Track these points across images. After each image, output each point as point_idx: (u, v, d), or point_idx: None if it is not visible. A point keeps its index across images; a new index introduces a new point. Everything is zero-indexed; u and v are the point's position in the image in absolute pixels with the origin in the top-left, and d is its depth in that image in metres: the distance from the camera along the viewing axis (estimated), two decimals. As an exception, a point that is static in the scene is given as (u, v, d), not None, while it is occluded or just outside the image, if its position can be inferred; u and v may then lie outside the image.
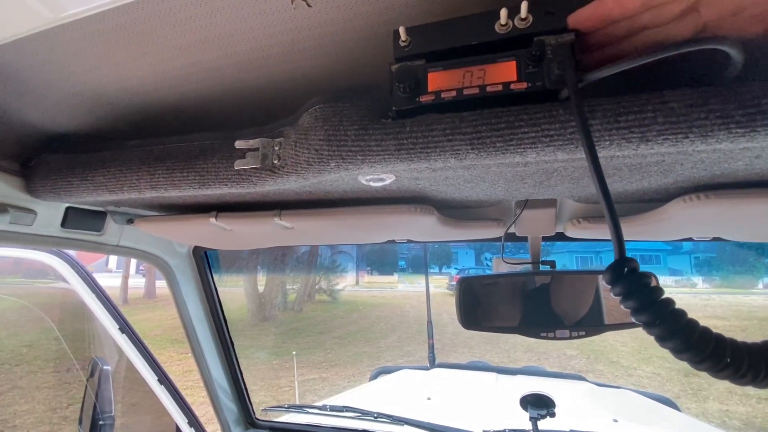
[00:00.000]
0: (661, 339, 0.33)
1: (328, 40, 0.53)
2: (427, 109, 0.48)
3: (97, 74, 0.63)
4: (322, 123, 0.53)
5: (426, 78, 0.48)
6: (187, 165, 0.66)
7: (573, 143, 0.44)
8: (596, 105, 0.42)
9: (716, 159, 0.52)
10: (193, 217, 0.90)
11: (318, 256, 13.66)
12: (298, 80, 0.63)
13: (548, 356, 8.11)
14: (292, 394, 6.32)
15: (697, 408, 5.96)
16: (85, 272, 1.42)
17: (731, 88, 0.39)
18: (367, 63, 0.57)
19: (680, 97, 0.40)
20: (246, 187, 0.64)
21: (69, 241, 0.96)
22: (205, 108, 0.72)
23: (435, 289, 12.17)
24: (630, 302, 0.34)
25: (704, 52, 0.37)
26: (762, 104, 0.38)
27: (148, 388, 1.55)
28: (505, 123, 0.45)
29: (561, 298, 0.93)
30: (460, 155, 0.48)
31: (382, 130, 0.50)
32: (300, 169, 0.57)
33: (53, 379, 3.56)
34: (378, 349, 8.99)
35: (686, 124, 0.40)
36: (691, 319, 0.33)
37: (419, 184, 0.69)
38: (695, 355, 0.32)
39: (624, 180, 0.65)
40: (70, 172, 0.74)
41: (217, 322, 1.49)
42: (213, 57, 0.58)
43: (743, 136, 0.40)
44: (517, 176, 0.64)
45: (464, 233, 0.98)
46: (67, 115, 0.75)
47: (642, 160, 0.53)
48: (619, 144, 0.43)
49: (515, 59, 0.45)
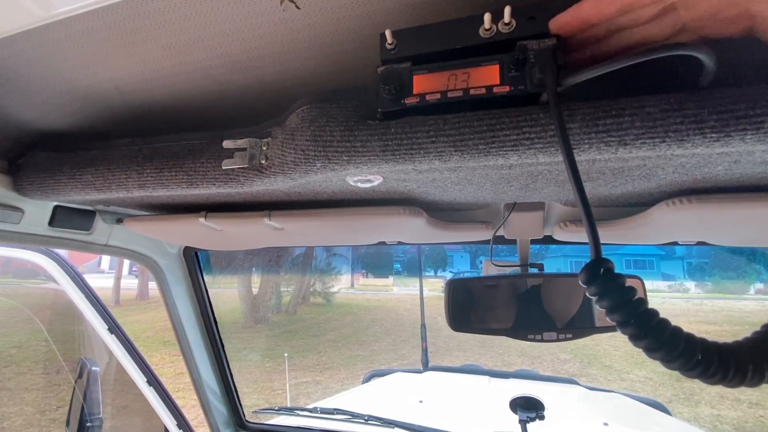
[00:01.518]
0: (634, 338, 0.34)
1: (317, 42, 0.54)
2: (412, 111, 0.49)
3: (86, 72, 0.63)
4: (308, 124, 0.54)
5: (411, 80, 0.49)
6: (176, 164, 0.66)
7: (553, 146, 0.45)
8: (576, 109, 0.43)
9: (696, 164, 0.53)
10: (183, 217, 0.90)
11: (313, 259, 13.61)
12: (287, 81, 0.63)
13: (542, 360, 8.13)
14: (285, 397, 6.28)
15: (688, 412, 5.99)
16: (74, 272, 1.41)
17: (706, 93, 0.40)
18: (355, 65, 0.58)
19: (657, 102, 0.41)
20: (234, 187, 0.64)
21: (57, 240, 0.96)
22: (194, 108, 0.72)
23: (430, 293, 12.16)
24: (604, 302, 0.35)
25: (684, 56, 0.38)
26: (736, 109, 0.39)
27: (137, 389, 1.54)
28: (486, 125, 0.46)
29: (549, 300, 0.94)
30: (444, 157, 0.49)
31: (368, 132, 0.50)
32: (287, 169, 0.57)
33: (42, 381, 3.51)
34: (372, 353, 8.96)
35: (662, 129, 0.41)
36: (662, 319, 0.34)
37: (407, 185, 0.70)
38: (666, 353, 0.33)
39: (608, 184, 0.66)
40: (58, 171, 0.73)
41: (207, 323, 1.48)
42: (203, 57, 0.58)
43: (717, 141, 0.40)
44: (503, 179, 0.64)
45: (453, 235, 0.99)
46: (56, 113, 0.74)
47: (624, 164, 0.54)
48: (598, 147, 0.44)
49: (498, 63, 0.46)
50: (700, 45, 0.37)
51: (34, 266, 1.37)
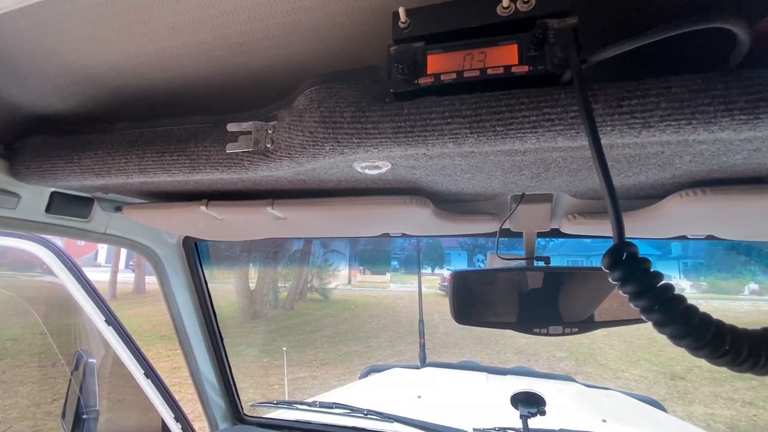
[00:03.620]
0: (659, 325, 0.33)
1: (326, 23, 0.52)
2: (426, 91, 0.47)
3: (85, 53, 0.61)
4: (317, 105, 0.52)
5: (425, 60, 0.47)
6: (178, 148, 0.64)
7: (574, 128, 0.43)
8: (598, 90, 0.42)
9: (715, 151, 0.52)
10: (184, 205, 0.88)
11: (310, 255, 13.59)
12: (294, 64, 0.61)
13: (538, 358, 8.16)
14: (282, 392, 6.28)
15: (683, 411, 6.03)
16: (71, 262, 1.39)
17: (736, 73, 0.38)
18: (365, 46, 0.56)
19: (684, 82, 0.39)
20: (238, 173, 0.63)
21: (54, 227, 0.94)
22: (198, 91, 0.70)
23: (427, 290, 12.18)
24: (628, 287, 0.34)
25: (710, 38, 0.36)
26: (767, 90, 0.37)
27: (135, 382, 1.52)
28: (505, 106, 0.44)
29: (554, 294, 0.93)
30: (459, 139, 0.47)
31: (379, 113, 0.49)
32: (294, 153, 0.55)
33: (38, 374, 3.50)
34: (369, 349, 8.97)
35: (689, 110, 0.39)
36: (690, 305, 0.33)
37: (415, 173, 0.68)
38: (694, 341, 0.32)
39: (622, 173, 0.65)
40: (56, 155, 0.71)
41: (206, 316, 1.46)
42: (207, 38, 0.56)
43: (746, 123, 0.39)
44: (515, 167, 0.63)
45: (459, 227, 0.97)
46: (54, 96, 0.72)
47: (641, 150, 0.53)
48: (621, 130, 0.43)
49: (517, 42, 0.44)
50: (736, 17, 0.35)
51: (30, 258, 1.35)
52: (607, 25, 0.48)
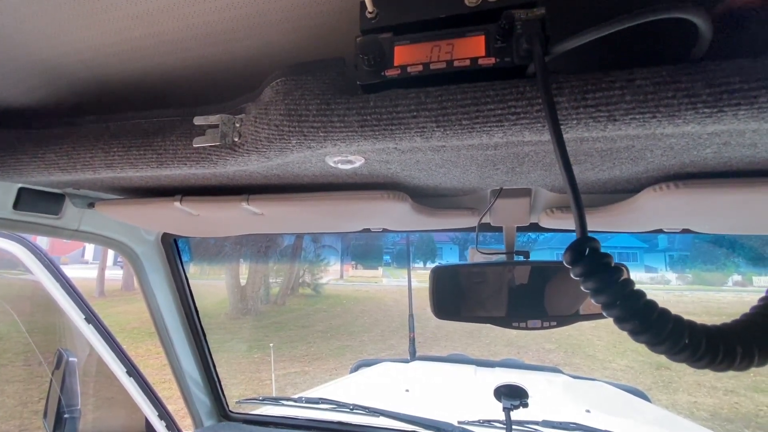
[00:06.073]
0: (619, 320, 0.32)
1: (297, 12, 0.51)
2: (393, 83, 0.46)
3: (48, 44, 0.59)
4: (282, 97, 0.51)
5: (392, 51, 0.46)
6: (145, 143, 0.62)
7: (540, 122, 0.43)
8: (564, 82, 0.41)
9: (685, 145, 0.52)
10: (157, 201, 0.86)
11: (302, 249, 13.53)
12: (264, 55, 0.60)
13: (527, 350, 8.27)
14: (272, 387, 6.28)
15: (667, 399, 6.17)
16: (48, 260, 1.36)
17: (700, 66, 0.38)
18: (337, 36, 0.54)
19: (648, 75, 0.39)
20: (207, 167, 0.61)
21: (23, 224, 0.91)
22: (166, 84, 0.68)
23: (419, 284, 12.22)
24: (589, 283, 0.33)
25: (679, 28, 0.35)
26: (729, 83, 0.37)
27: (118, 381, 1.50)
28: (471, 99, 0.43)
29: (534, 288, 0.93)
30: (426, 133, 0.46)
31: (345, 105, 0.47)
32: (260, 146, 0.54)
33: (24, 373, 3.44)
34: (361, 343, 9.00)
35: (653, 103, 0.39)
36: (649, 301, 0.32)
37: (390, 168, 0.67)
38: (653, 336, 0.31)
39: (596, 167, 0.65)
40: (20, 149, 0.69)
41: (187, 313, 1.44)
42: (173, 28, 0.55)
43: (710, 116, 0.39)
44: (488, 161, 0.62)
45: (439, 222, 0.97)
46: (17, 89, 0.70)
47: (612, 144, 0.52)
48: (587, 123, 0.42)
49: (484, 33, 0.43)
50: (696, 8, 0.34)
51: (12, 257, 1.31)
52: (580, 16, 0.47)
